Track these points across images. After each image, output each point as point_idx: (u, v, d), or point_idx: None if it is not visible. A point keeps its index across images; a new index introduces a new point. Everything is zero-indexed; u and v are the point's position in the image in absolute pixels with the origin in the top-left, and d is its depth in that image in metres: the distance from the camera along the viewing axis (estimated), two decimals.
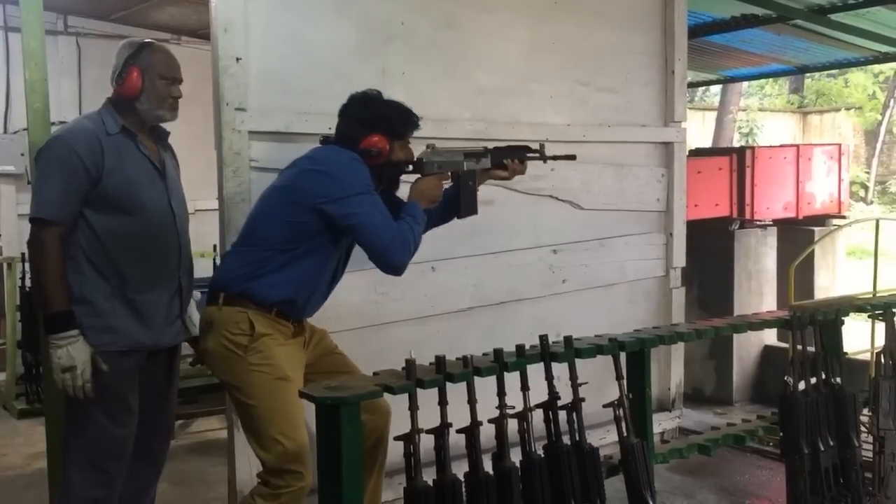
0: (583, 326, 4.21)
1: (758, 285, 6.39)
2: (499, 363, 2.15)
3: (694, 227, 5.18)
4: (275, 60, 3.36)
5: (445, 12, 3.82)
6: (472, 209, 2.98)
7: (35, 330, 5.02)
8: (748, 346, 6.20)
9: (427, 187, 2.82)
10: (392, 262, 2.63)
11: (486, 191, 3.86)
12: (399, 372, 2.09)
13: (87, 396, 2.51)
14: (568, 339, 2.34)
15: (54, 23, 6.41)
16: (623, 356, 2.54)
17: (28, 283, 5.49)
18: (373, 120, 2.73)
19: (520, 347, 2.25)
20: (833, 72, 17.77)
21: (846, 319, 3.03)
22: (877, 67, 17.13)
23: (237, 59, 3.23)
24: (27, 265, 5.48)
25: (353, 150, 2.69)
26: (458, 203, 2.95)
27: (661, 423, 4.65)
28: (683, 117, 4.72)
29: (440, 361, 2.10)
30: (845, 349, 3.07)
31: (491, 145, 3.10)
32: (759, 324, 2.99)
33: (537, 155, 3.08)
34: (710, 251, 6.13)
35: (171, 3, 6.03)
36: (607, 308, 4.46)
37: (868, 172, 18.07)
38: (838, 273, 7.11)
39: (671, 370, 4.75)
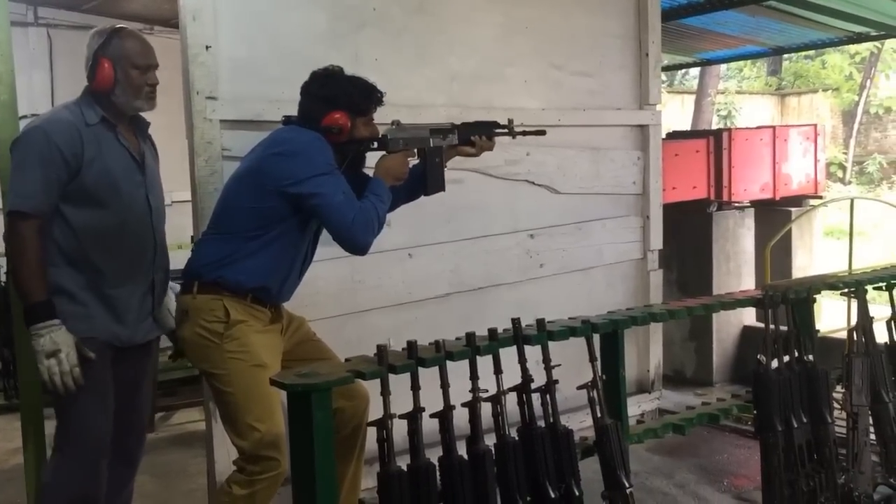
0: (561, 311, 4.19)
1: (736, 266, 6.42)
2: (471, 347, 2.16)
3: (672, 210, 5.19)
4: (245, 48, 3.33)
5: None
6: (439, 185, 2.95)
7: (11, 325, 4.97)
8: (728, 328, 6.23)
9: (392, 164, 2.78)
10: (355, 242, 2.62)
11: (460, 175, 3.88)
12: (371, 358, 2.09)
13: (76, 382, 2.47)
14: (540, 322, 2.34)
15: (24, 14, 6.31)
16: (597, 339, 2.55)
17: (2, 278, 5.44)
18: (334, 96, 2.70)
19: (492, 331, 2.26)
20: (810, 53, 17.84)
21: (824, 299, 3.06)
22: (853, 48, 17.24)
23: (207, 48, 3.21)
24: (1, 260, 5.44)
25: (315, 129, 2.67)
26: (425, 180, 2.91)
27: (641, 405, 4.69)
28: (658, 100, 4.73)
29: (412, 346, 2.10)
30: (821, 328, 3.09)
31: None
32: (731, 303, 3.01)
33: (506, 131, 3.04)
34: (689, 233, 6.15)
35: None
36: (586, 292, 4.47)
37: (846, 153, 18.19)
38: (815, 253, 7.16)
39: (650, 352, 4.78)
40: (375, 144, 2.81)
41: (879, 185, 17.73)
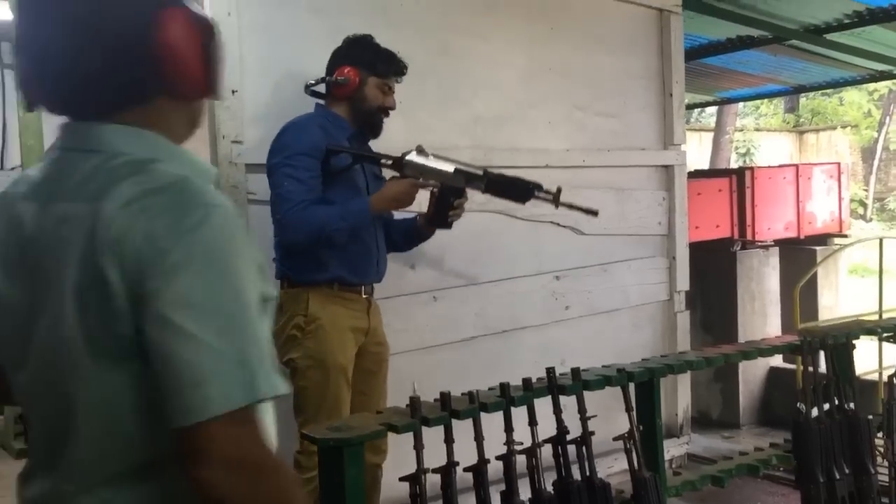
0: (587, 353, 4.16)
1: (761, 306, 6.33)
2: (505, 398, 2.09)
3: (695, 250, 5.13)
4: (270, 93, 3.33)
5: (441, 40, 3.80)
6: (443, 224, 2.84)
7: None
8: (754, 369, 6.12)
9: (398, 191, 2.70)
10: (281, 235, 2.67)
11: (484, 217, 3.84)
12: (403, 409, 2.03)
13: None
14: (576, 371, 2.28)
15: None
16: (631, 385, 2.48)
17: None
18: (350, 53, 2.74)
19: (526, 381, 2.20)
20: (828, 91, 17.82)
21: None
22: (871, 85, 17.19)
23: (233, 92, 3.21)
24: None
25: (328, 92, 2.75)
26: (431, 210, 2.83)
27: (670, 450, 4.57)
28: (683, 140, 4.70)
29: (445, 398, 2.04)
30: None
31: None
32: (769, 349, 2.93)
33: (549, 197, 2.84)
34: (713, 273, 6.08)
35: None
36: (612, 334, 4.41)
37: (866, 190, 18.08)
38: (841, 292, 7.06)
39: (678, 395, 4.69)
40: (390, 162, 2.75)
41: None
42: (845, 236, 7.15)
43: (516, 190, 2.75)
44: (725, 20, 5.16)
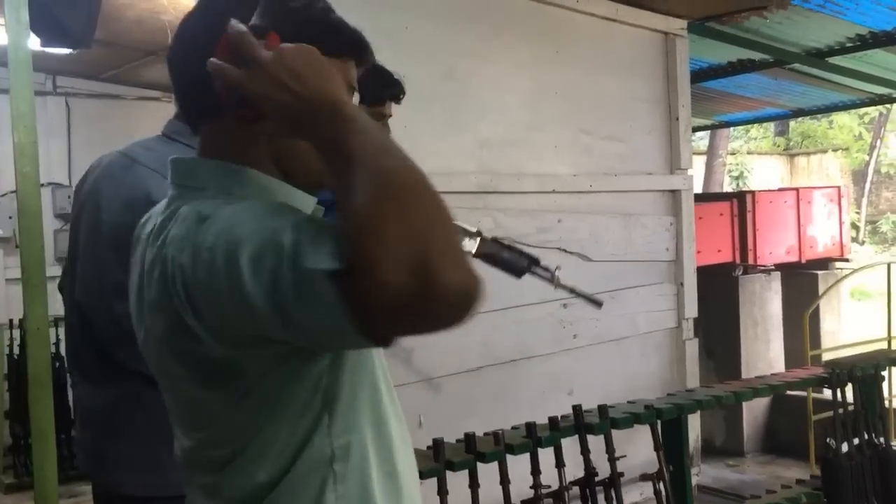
0: (596, 384, 4.07)
1: (764, 331, 6.26)
2: (532, 439, 1.98)
3: (697, 274, 5.05)
4: None
5: (445, 63, 3.73)
6: None
7: (23, 398, 4.81)
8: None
9: None
10: None
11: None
12: (425, 452, 1.92)
13: None
14: (603, 409, 2.17)
15: (43, 83, 6.30)
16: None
17: (16, 350, 5.29)
18: None
19: (553, 420, 2.09)
20: (819, 114, 17.90)
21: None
22: (863, 109, 17.28)
23: None
24: (15, 332, 5.32)
25: None
26: None
27: None
28: (690, 164, 4.64)
29: (469, 440, 1.93)
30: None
31: (498, 198, 2.92)
32: (798, 383, 2.84)
33: (549, 275, 2.50)
34: (715, 298, 5.99)
35: (160, 61, 5.92)
36: (620, 363, 4.31)
37: (858, 213, 18.11)
38: (843, 317, 7.00)
39: (689, 426, 4.58)
40: None
41: (893, 244, 17.60)
42: (847, 260, 7.10)
43: (512, 260, 2.38)
44: (728, 44, 5.12)
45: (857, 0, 4.49)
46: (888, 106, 16.56)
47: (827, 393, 3.76)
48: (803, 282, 6.54)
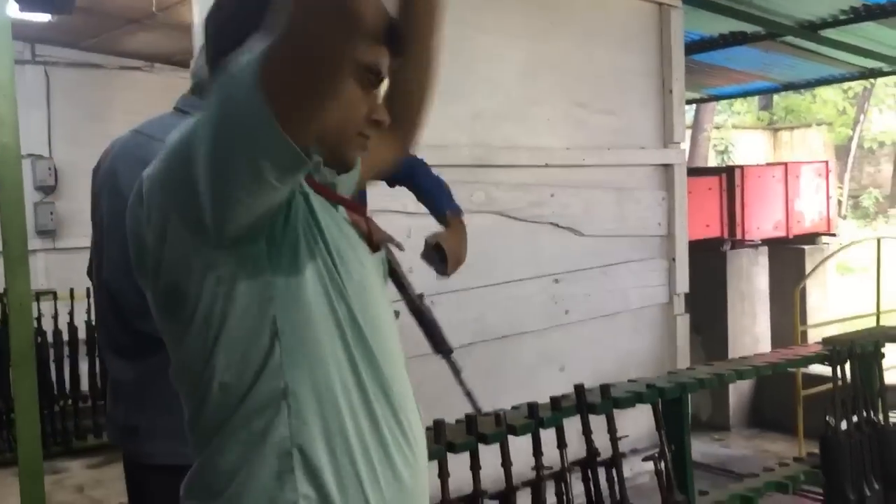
0: (588, 359, 4.04)
1: (751, 306, 6.26)
2: (534, 419, 1.94)
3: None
4: None
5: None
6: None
7: (5, 373, 4.73)
8: None
9: None
10: None
11: (483, 219, 3.70)
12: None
13: None
14: (605, 389, 2.13)
15: (21, 52, 6.13)
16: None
17: None
18: None
19: (555, 400, 2.04)
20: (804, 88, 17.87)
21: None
22: (846, 83, 17.28)
23: None
24: None
25: None
26: None
27: None
28: (682, 138, 4.59)
29: (471, 420, 1.88)
30: None
31: (490, 172, 2.85)
32: (799, 361, 2.81)
33: (455, 368, 1.99)
34: (702, 273, 5.96)
35: (143, 30, 5.79)
36: (612, 338, 4.28)
37: (841, 187, 18.17)
38: (829, 291, 7.01)
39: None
40: None
41: (875, 219, 17.71)
42: (833, 235, 7.10)
43: (437, 335, 2.18)
44: (721, 15, 5.05)
45: None
46: (873, 81, 16.59)
47: (815, 368, 3.76)
48: (790, 256, 6.54)
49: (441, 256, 2.01)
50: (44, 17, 4.01)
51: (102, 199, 1.82)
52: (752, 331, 6.30)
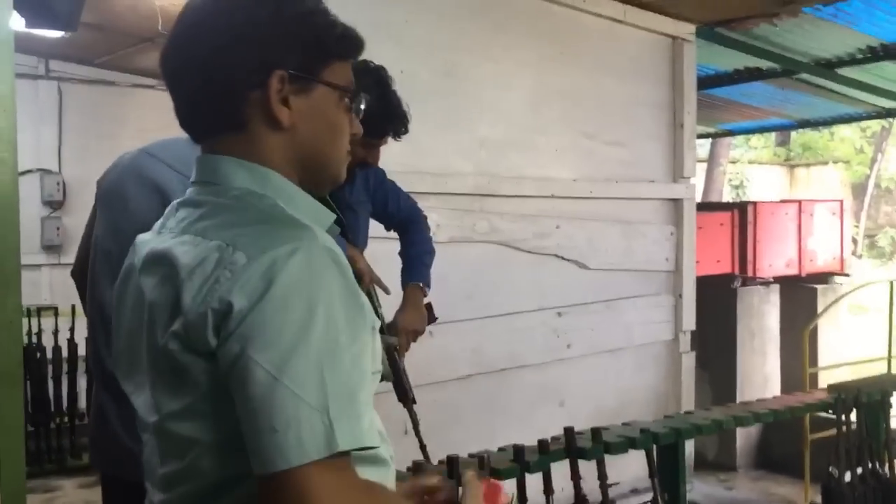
0: (588, 395, 3.96)
1: (761, 344, 6.16)
2: (519, 464, 1.86)
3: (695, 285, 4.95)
4: None
5: (447, 60, 3.60)
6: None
7: None
8: None
9: None
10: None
11: (485, 249, 3.64)
12: (404, 474, 1.79)
13: None
14: (596, 432, 2.05)
15: (35, 66, 6.15)
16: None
17: None
18: None
19: (542, 443, 1.96)
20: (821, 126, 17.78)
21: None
22: (865, 122, 17.19)
23: None
24: None
25: None
26: None
27: None
28: (693, 173, 4.52)
29: (452, 463, 1.80)
30: None
31: (495, 201, 2.81)
32: (801, 408, 2.71)
33: (412, 418, 2.32)
34: (712, 309, 5.88)
35: (155, 48, 5.80)
36: (614, 375, 4.20)
37: (857, 226, 18.01)
38: (842, 332, 6.89)
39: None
40: None
41: (891, 258, 17.52)
42: (847, 275, 6.99)
43: (398, 387, 2.30)
44: (736, 51, 4.99)
45: (871, 11, 4.37)
46: (891, 120, 16.49)
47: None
48: (802, 296, 6.44)
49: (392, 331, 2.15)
50: (51, 33, 4.00)
51: (101, 210, 1.83)
52: (761, 370, 6.19)
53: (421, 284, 2.32)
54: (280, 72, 1.04)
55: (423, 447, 2.16)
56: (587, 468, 2.04)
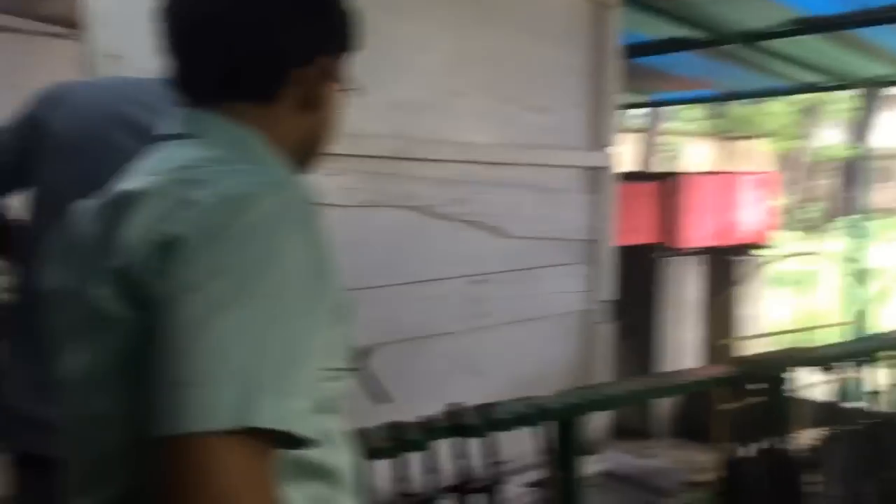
0: (503, 364, 3.90)
1: (682, 315, 6.21)
2: (398, 441, 1.77)
3: (618, 254, 4.93)
4: (159, 60, 2.92)
5: (362, 19, 3.44)
6: None
7: None
8: None
9: None
10: None
11: (399, 213, 3.53)
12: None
13: None
14: (484, 409, 1.97)
15: None
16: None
17: None
18: None
19: (423, 422, 1.87)
20: (751, 100, 18.05)
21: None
22: (796, 96, 17.48)
23: (117, 57, 2.80)
24: None
25: None
26: None
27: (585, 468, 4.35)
28: (614, 142, 4.46)
29: None
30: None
31: (411, 165, 2.72)
32: (706, 382, 2.69)
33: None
34: (634, 279, 5.88)
35: None
36: (530, 344, 4.15)
37: (785, 199, 18.44)
38: (761, 302, 7.00)
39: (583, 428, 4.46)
40: None
41: (817, 232, 17.99)
42: (771, 247, 7.09)
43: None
44: (663, 19, 4.94)
45: None
46: (821, 95, 16.82)
47: None
48: (725, 266, 6.51)
49: None
50: None
51: (61, 158, 1.67)
52: (682, 339, 6.25)
53: None
54: (326, 57, 1.13)
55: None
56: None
